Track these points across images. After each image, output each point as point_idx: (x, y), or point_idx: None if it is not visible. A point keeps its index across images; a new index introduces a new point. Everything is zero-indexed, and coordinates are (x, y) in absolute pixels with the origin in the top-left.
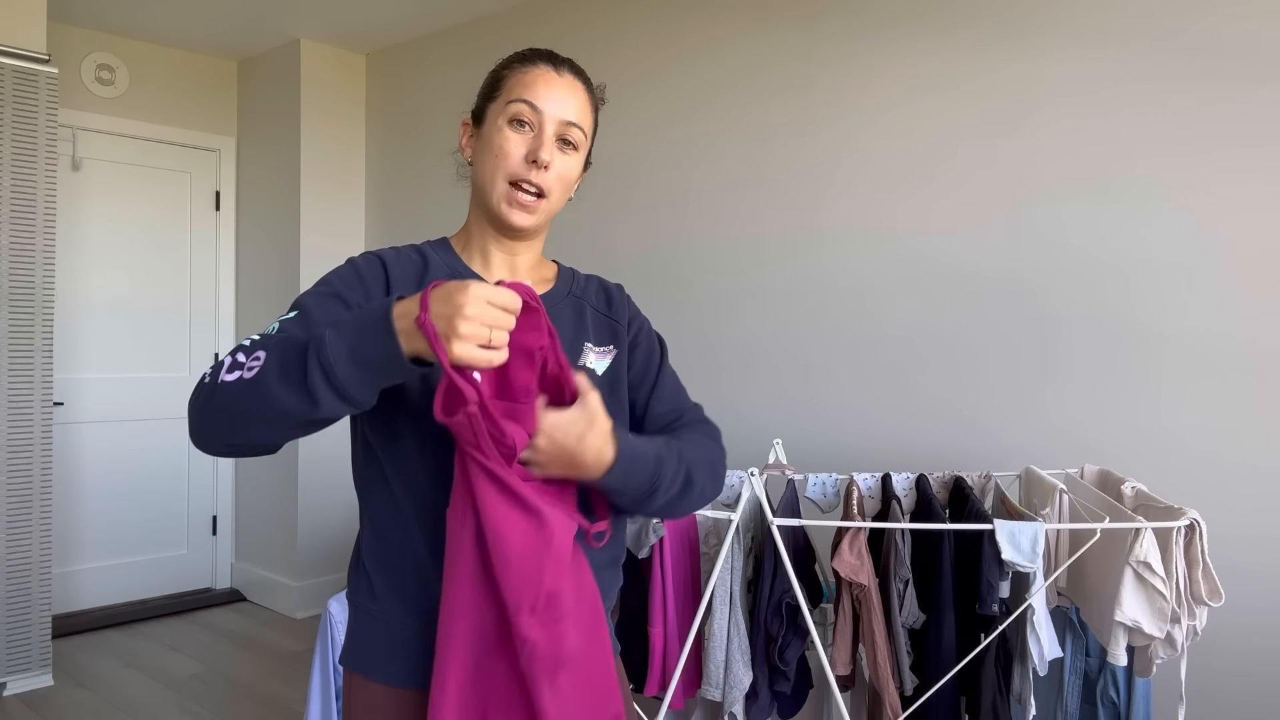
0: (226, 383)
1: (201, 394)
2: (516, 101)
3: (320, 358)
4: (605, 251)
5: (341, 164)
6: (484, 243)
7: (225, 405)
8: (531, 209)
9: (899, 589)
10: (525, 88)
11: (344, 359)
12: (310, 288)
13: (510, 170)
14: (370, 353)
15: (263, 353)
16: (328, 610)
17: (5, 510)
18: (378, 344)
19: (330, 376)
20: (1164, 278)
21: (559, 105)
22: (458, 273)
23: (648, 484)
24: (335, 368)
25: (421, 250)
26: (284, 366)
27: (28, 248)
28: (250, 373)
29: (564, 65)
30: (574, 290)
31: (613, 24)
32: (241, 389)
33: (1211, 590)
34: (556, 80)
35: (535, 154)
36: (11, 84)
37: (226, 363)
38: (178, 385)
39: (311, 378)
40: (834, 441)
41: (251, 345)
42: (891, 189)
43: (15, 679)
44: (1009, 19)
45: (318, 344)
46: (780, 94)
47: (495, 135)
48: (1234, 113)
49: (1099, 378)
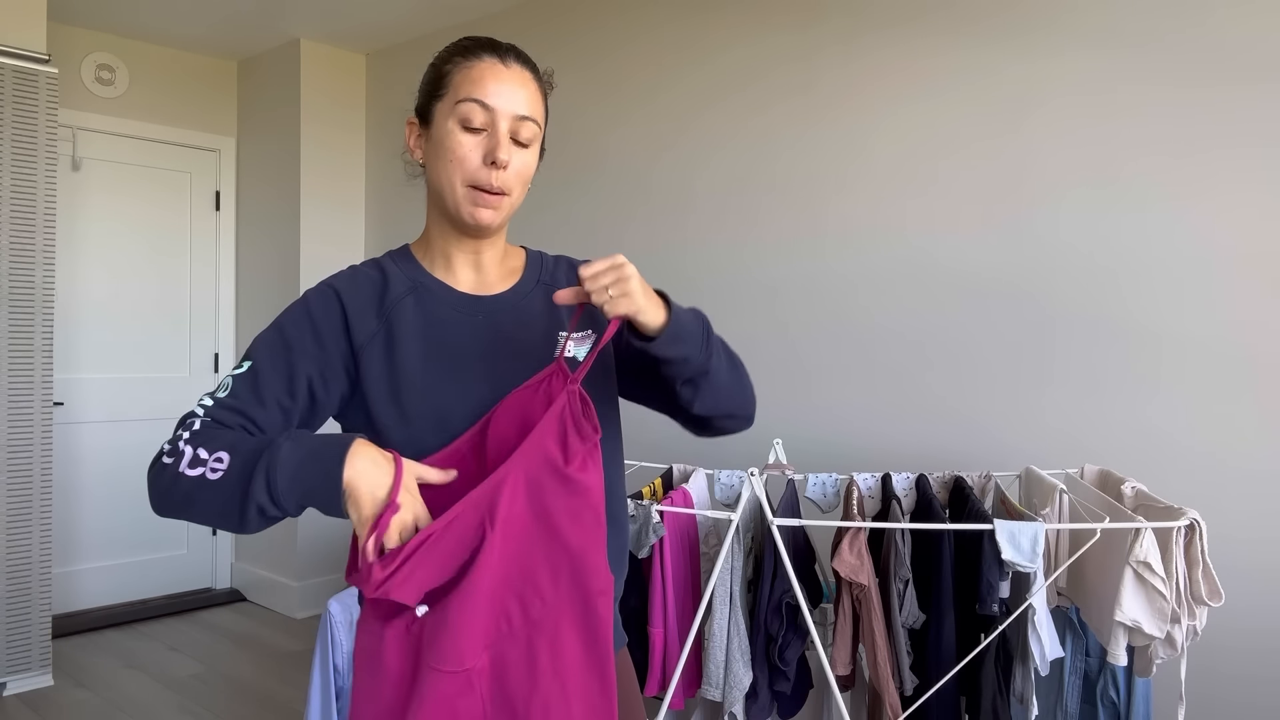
0: (188, 477)
1: (163, 477)
2: (466, 101)
3: (268, 464)
4: (604, 251)
5: (341, 164)
6: (445, 246)
7: (184, 499)
8: (496, 205)
9: (899, 589)
10: (473, 85)
11: (288, 470)
12: (267, 330)
13: (468, 175)
14: (312, 479)
15: (226, 455)
16: (328, 610)
17: (5, 510)
18: (319, 474)
19: (271, 485)
20: (1164, 278)
21: (510, 100)
22: (419, 283)
23: (702, 337)
24: (276, 474)
25: (381, 265)
26: (242, 468)
27: (28, 248)
28: (214, 475)
29: (509, 55)
30: (543, 278)
31: (615, 27)
32: (200, 487)
33: (1211, 590)
34: (505, 73)
35: (493, 155)
36: (11, 84)
37: (187, 454)
38: (178, 385)
39: (255, 482)
40: (834, 441)
41: (205, 431)
42: (892, 190)
43: (15, 679)
44: (1009, 21)
45: (272, 452)
46: (781, 97)
47: (447, 138)
48: (1234, 113)
49: (1099, 378)
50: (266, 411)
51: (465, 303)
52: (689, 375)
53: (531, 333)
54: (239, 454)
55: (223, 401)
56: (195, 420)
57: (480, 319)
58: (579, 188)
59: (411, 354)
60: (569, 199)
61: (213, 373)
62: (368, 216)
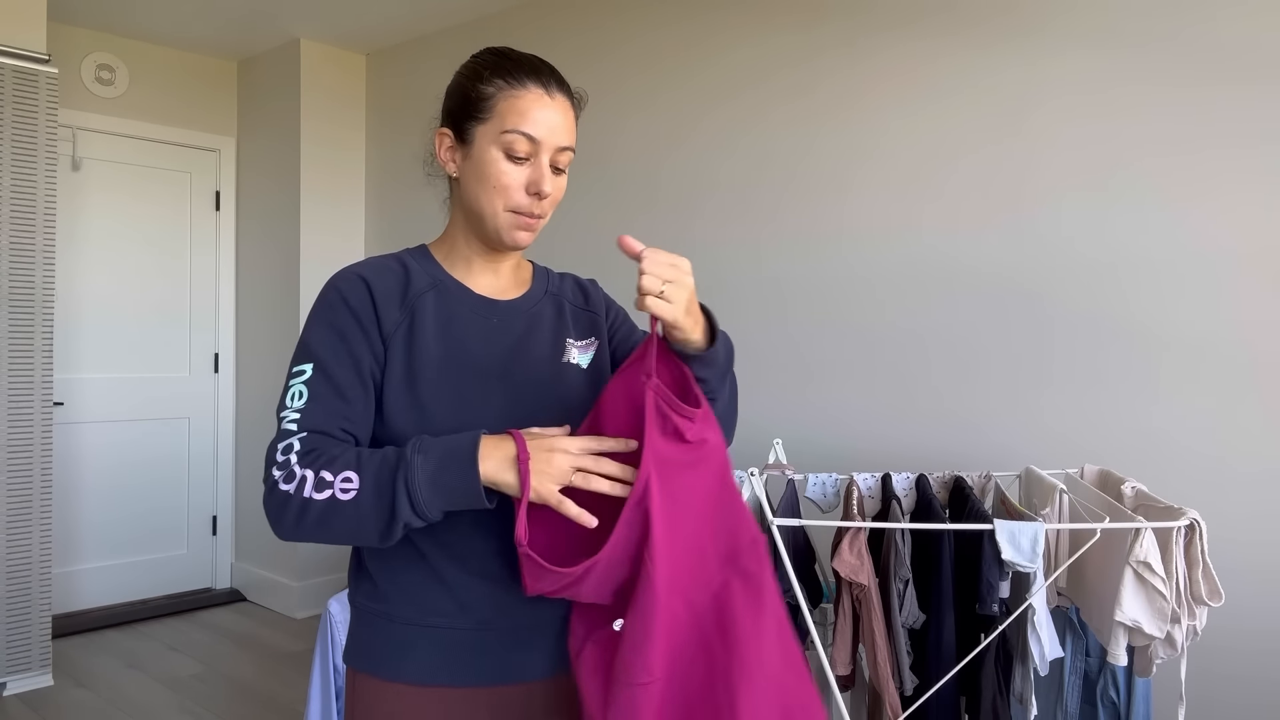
0: (317, 501)
1: (290, 508)
2: (512, 133)
3: (407, 480)
4: (615, 258)
5: (341, 164)
6: (469, 254)
7: (319, 524)
8: (534, 228)
9: (899, 589)
10: (520, 117)
11: (426, 481)
12: (311, 330)
13: (512, 203)
14: (451, 485)
15: (353, 474)
16: (328, 610)
17: (5, 510)
18: (460, 479)
19: (413, 499)
20: (1164, 278)
21: (555, 133)
22: (439, 281)
23: (726, 368)
24: (416, 489)
25: (401, 259)
26: (377, 487)
27: (28, 248)
28: (345, 495)
29: (552, 83)
30: (550, 289)
31: (616, 26)
32: (334, 509)
33: (1211, 590)
34: (550, 105)
35: (538, 186)
36: (11, 84)
37: (309, 478)
38: (178, 385)
39: (398, 500)
40: (834, 441)
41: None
42: (893, 191)
43: (15, 679)
44: (1009, 22)
45: (406, 468)
46: (782, 98)
47: (490, 165)
48: (1234, 113)
49: (1099, 378)
50: (351, 406)
51: (482, 305)
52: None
53: (541, 337)
54: (367, 472)
55: (308, 411)
56: (293, 440)
57: (495, 321)
58: (582, 186)
59: (431, 346)
60: (571, 197)
61: (213, 373)
62: (368, 216)
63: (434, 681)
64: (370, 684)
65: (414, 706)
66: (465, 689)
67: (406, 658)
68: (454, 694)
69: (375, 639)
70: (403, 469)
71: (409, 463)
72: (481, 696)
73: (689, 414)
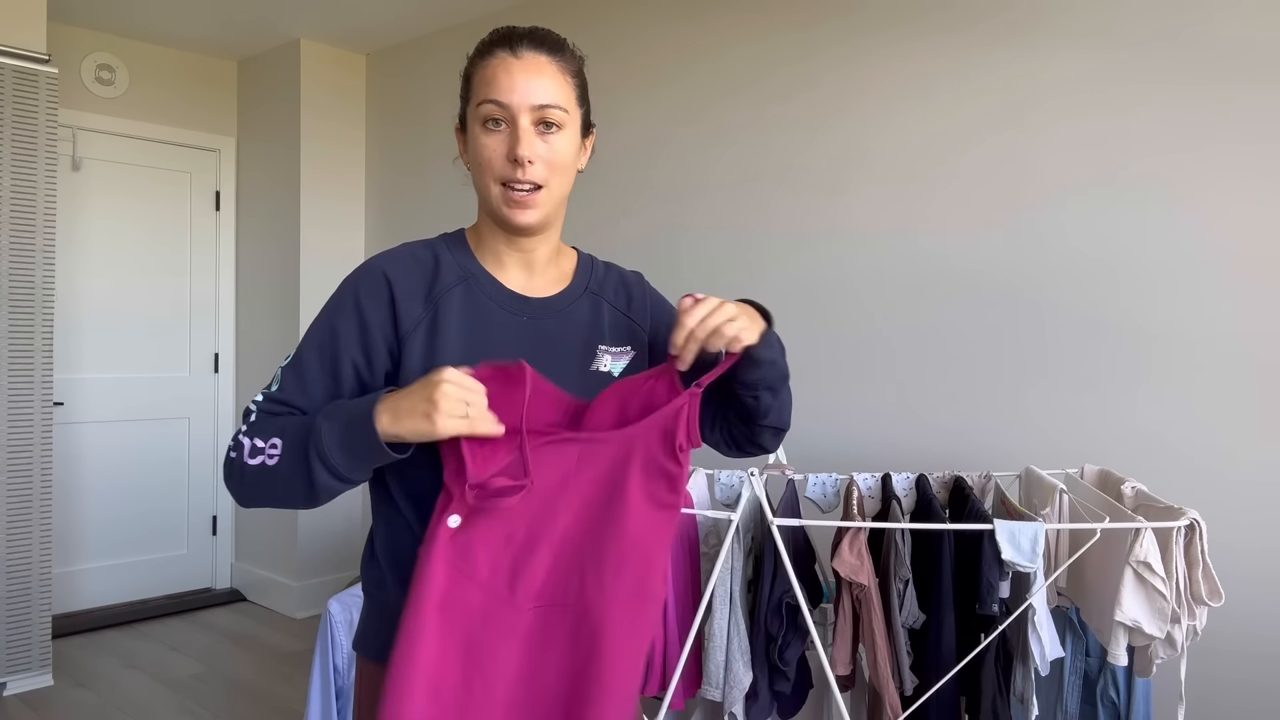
0: (251, 466)
1: (234, 473)
2: (484, 103)
3: (318, 447)
4: (608, 251)
5: (341, 164)
6: (495, 245)
7: (255, 486)
8: (530, 204)
9: (899, 589)
10: (487, 85)
11: (335, 446)
12: (313, 326)
13: (496, 174)
14: (357, 446)
15: (278, 440)
16: (328, 610)
17: (5, 510)
18: (364, 440)
19: (326, 463)
20: (1164, 278)
21: (524, 92)
22: (470, 274)
23: (780, 345)
24: (328, 454)
25: (434, 249)
26: (293, 456)
27: (28, 248)
28: (271, 460)
29: (521, 43)
30: (591, 286)
31: (616, 25)
32: (264, 474)
33: (1211, 590)
34: (516, 65)
35: (513, 152)
36: (11, 84)
37: (246, 445)
38: (178, 385)
39: (313, 466)
40: (834, 441)
41: (259, 422)
42: (893, 190)
43: (15, 679)
44: (1008, 20)
45: (315, 435)
46: (780, 96)
47: (475, 141)
48: (1233, 112)
49: (1099, 378)
50: (310, 399)
51: (512, 300)
52: (771, 381)
53: (572, 340)
54: (288, 437)
55: (272, 395)
56: (251, 414)
57: (524, 319)
58: (579, 182)
59: (453, 344)
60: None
61: (213, 373)
62: (368, 217)
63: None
64: (377, 670)
65: None
66: None
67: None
68: None
69: (384, 626)
70: (313, 437)
71: (317, 430)
72: None
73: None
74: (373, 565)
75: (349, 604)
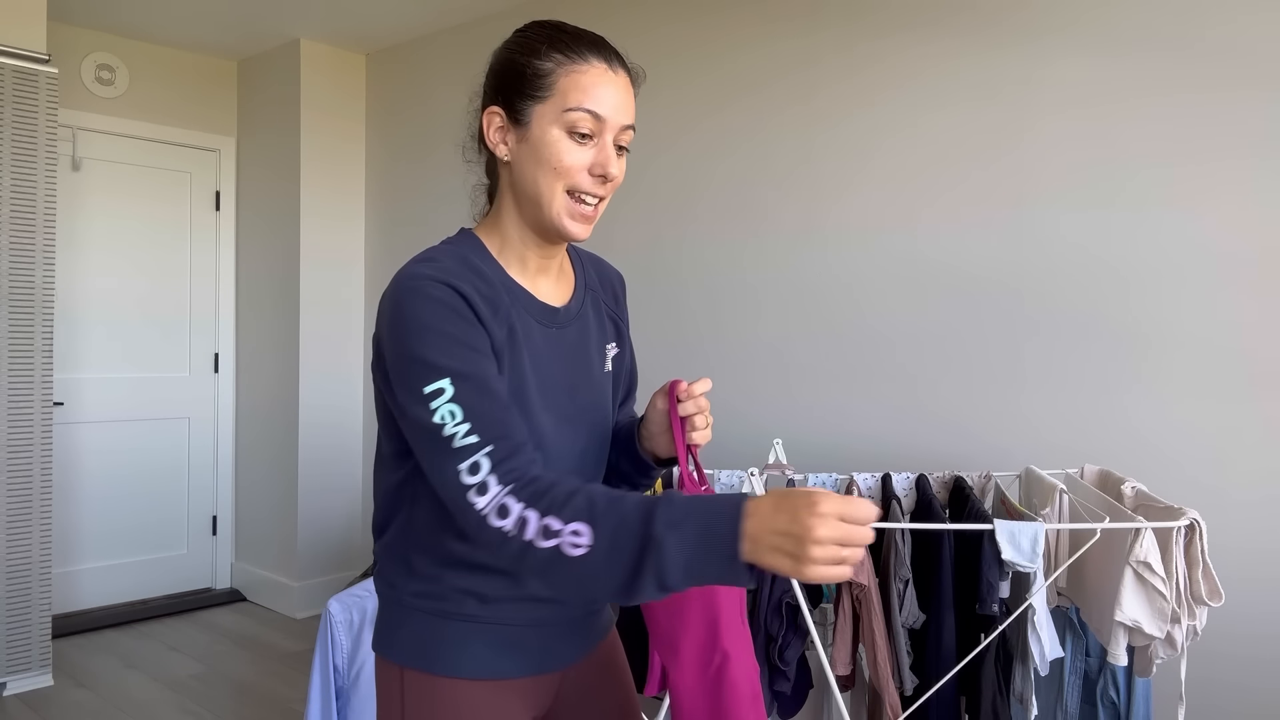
0: (542, 550)
1: (508, 547)
2: (577, 110)
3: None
4: (607, 250)
5: (341, 164)
6: (523, 251)
7: (541, 570)
8: (592, 218)
9: (899, 589)
10: (584, 94)
11: (679, 569)
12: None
13: (575, 184)
14: (708, 573)
15: (585, 528)
16: (328, 610)
17: (5, 510)
18: (719, 568)
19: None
20: (1163, 279)
21: (620, 111)
22: (509, 288)
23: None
24: (668, 576)
25: (467, 262)
26: (612, 554)
27: (28, 248)
28: (576, 551)
29: (614, 57)
30: (589, 284)
31: (616, 25)
32: (559, 562)
33: (1211, 590)
34: (615, 81)
35: (604, 168)
36: (11, 84)
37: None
38: (178, 385)
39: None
40: (834, 441)
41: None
42: (893, 191)
43: (15, 679)
44: (1009, 25)
45: (657, 550)
46: (782, 100)
47: (551, 145)
48: (1233, 117)
49: (1099, 378)
50: (510, 412)
51: (545, 313)
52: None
53: (590, 345)
54: (602, 529)
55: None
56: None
57: (554, 331)
58: None
59: (523, 365)
60: None
61: (213, 373)
62: (368, 217)
63: (489, 675)
64: (427, 681)
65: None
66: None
67: (464, 653)
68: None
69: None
70: (652, 549)
71: (657, 541)
72: (527, 685)
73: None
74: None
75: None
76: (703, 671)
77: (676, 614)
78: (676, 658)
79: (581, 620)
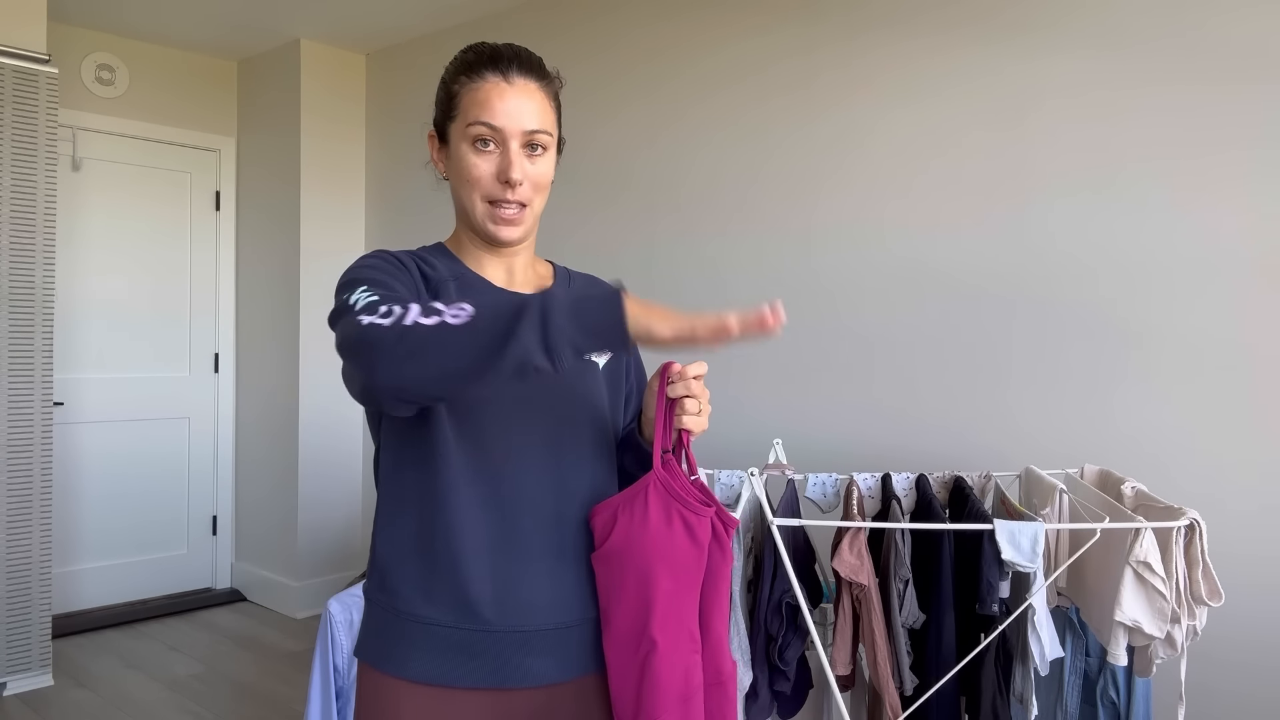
0: (425, 325)
1: (386, 334)
2: (475, 124)
3: (542, 306)
4: (603, 249)
5: (341, 164)
6: (477, 252)
7: (418, 347)
8: (517, 221)
9: (899, 589)
10: (479, 107)
11: (565, 311)
12: (354, 275)
13: (485, 192)
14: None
15: (468, 305)
16: (328, 610)
17: (5, 510)
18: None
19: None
20: (1163, 277)
21: (517, 118)
22: (460, 275)
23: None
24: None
25: (416, 255)
26: (495, 319)
27: (28, 248)
28: (456, 319)
29: (513, 68)
30: (573, 289)
31: (612, 23)
32: (441, 332)
33: (1211, 590)
34: (509, 91)
35: (505, 174)
36: (11, 84)
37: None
38: (178, 385)
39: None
40: (834, 441)
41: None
42: (892, 189)
43: (15, 679)
44: (1007, 19)
45: (541, 296)
46: (779, 93)
47: (462, 159)
48: (1234, 113)
49: (1099, 377)
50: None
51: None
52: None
53: None
54: (484, 303)
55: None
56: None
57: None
58: (569, 181)
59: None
60: (558, 191)
61: (213, 373)
62: (368, 217)
63: (434, 680)
64: (375, 678)
65: (415, 704)
66: (466, 690)
67: (411, 655)
68: (454, 694)
69: (383, 632)
70: (535, 299)
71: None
72: (485, 699)
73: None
74: (373, 568)
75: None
76: (632, 652)
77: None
78: (609, 626)
79: (553, 634)
